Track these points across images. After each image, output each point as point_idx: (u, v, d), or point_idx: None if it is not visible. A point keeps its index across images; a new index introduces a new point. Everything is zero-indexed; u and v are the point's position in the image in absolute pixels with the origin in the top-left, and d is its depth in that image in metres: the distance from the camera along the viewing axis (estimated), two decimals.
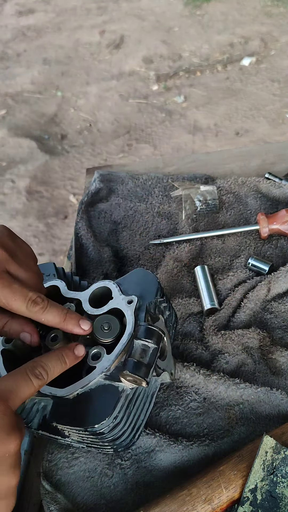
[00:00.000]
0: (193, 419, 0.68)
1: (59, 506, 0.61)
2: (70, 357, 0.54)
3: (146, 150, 2.78)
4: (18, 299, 0.54)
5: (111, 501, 0.62)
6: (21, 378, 0.49)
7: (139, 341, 0.55)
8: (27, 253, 0.62)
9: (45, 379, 0.50)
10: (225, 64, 3.32)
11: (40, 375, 0.50)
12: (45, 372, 0.51)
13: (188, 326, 0.79)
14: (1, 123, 3.10)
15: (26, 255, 0.61)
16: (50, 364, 0.52)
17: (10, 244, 0.59)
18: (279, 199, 0.97)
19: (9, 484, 0.45)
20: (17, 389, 0.47)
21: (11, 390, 0.47)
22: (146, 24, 3.85)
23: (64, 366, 0.53)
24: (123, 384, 0.54)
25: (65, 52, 3.72)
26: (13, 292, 0.54)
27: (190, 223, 0.94)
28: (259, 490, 0.56)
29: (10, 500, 0.45)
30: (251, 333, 0.75)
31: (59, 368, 0.53)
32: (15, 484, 0.45)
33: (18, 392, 0.47)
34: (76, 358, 0.55)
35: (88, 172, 1.13)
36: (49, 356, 0.53)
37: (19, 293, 0.55)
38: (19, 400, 0.47)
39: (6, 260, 0.57)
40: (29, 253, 0.62)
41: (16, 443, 0.45)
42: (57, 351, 0.54)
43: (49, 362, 0.52)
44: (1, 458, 0.44)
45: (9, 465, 0.44)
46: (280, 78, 3.13)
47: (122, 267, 0.90)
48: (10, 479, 0.45)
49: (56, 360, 0.53)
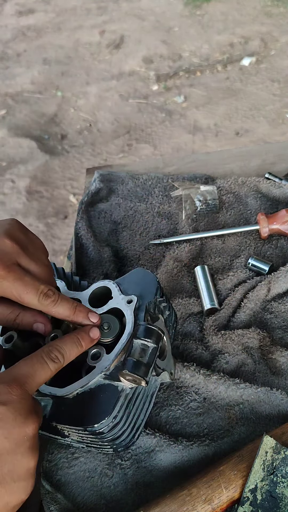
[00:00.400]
0: (193, 419, 0.68)
1: (59, 506, 0.61)
2: (85, 340, 0.55)
3: (146, 150, 2.78)
4: (30, 291, 0.55)
5: (111, 501, 0.62)
6: (37, 362, 0.49)
7: (139, 341, 0.55)
8: (38, 247, 0.62)
9: (61, 362, 0.51)
10: (225, 64, 3.32)
11: (56, 358, 0.51)
12: (61, 355, 0.51)
13: (188, 326, 0.79)
14: (1, 123, 3.10)
15: (37, 248, 0.61)
16: (66, 348, 0.52)
17: (22, 237, 0.60)
18: (279, 199, 0.97)
19: (28, 466, 0.46)
20: (34, 373, 0.48)
21: (28, 375, 0.48)
22: (146, 24, 3.85)
23: (80, 349, 0.54)
24: (123, 384, 0.54)
25: (65, 52, 3.72)
26: (25, 285, 0.55)
27: (190, 223, 0.94)
28: (259, 490, 0.56)
29: (29, 482, 0.46)
30: (251, 333, 0.75)
31: (75, 351, 0.53)
32: (33, 466, 0.46)
33: (35, 376, 0.48)
34: (92, 340, 0.55)
35: (88, 172, 1.13)
36: (64, 339, 0.53)
37: (31, 286, 0.55)
38: (36, 384, 0.48)
39: (17, 253, 0.57)
40: (40, 247, 0.62)
41: (34, 427, 0.46)
42: (72, 334, 0.54)
43: (64, 345, 0.52)
44: (19, 441, 0.45)
45: (27, 447, 0.45)
46: (280, 78, 3.13)
47: (122, 267, 0.89)
48: (28, 461, 0.46)
49: (72, 343, 0.53)
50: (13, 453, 0.44)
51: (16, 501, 0.45)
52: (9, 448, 0.44)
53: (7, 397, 0.45)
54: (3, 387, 0.46)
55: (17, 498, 0.45)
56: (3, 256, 0.55)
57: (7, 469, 0.44)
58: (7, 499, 0.45)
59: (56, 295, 0.56)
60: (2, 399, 0.45)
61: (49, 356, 0.50)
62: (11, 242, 0.57)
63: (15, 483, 0.45)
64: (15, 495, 0.45)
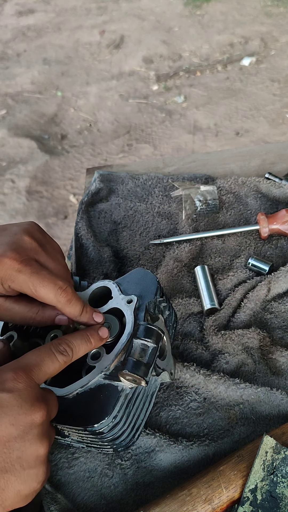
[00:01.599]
0: (193, 419, 0.68)
1: (59, 506, 0.61)
2: (95, 337, 0.55)
3: (146, 150, 2.78)
4: (46, 285, 0.55)
5: (111, 501, 0.62)
6: (45, 353, 0.50)
7: (139, 341, 0.55)
8: (55, 247, 0.63)
9: (70, 356, 0.51)
10: (225, 64, 3.32)
11: (64, 351, 0.51)
12: (70, 349, 0.52)
13: (188, 326, 0.79)
14: (1, 123, 3.10)
15: (55, 248, 0.63)
16: (75, 342, 0.53)
17: (40, 236, 0.61)
18: (279, 199, 0.97)
19: (37, 453, 0.46)
20: (41, 363, 0.49)
21: (35, 364, 0.48)
22: (146, 24, 3.85)
23: (89, 345, 0.54)
24: (123, 384, 0.54)
25: (65, 52, 3.72)
26: (42, 279, 0.55)
27: (190, 223, 0.94)
28: (259, 490, 0.56)
29: (40, 470, 0.46)
30: (251, 333, 0.75)
31: (84, 347, 0.53)
32: (43, 454, 0.46)
33: (42, 366, 0.48)
34: (101, 339, 0.56)
35: (88, 172, 1.13)
36: (74, 334, 0.54)
37: (48, 280, 0.55)
38: (43, 374, 0.48)
39: (35, 250, 0.58)
40: (57, 248, 0.64)
41: (41, 414, 0.46)
42: (82, 331, 0.55)
43: (74, 340, 0.53)
44: (26, 427, 0.45)
45: (35, 435, 0.45)
46: (280, 78, 3.13)
47: (122, 267, 0.89)
48: (37, 448, 0.46)
49: (81, 339, 0.54)
50: (21, 440, 0.44)
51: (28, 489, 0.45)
52: (16, 435, 0.44)
53: (13, 384, 0.46)
54: (9, 375, 0.46)
55: (29, 487, 0.45)
56: (21, 251, 0.56)
57: (16, 456, 0.44)
58: (18, 487, 0.45)
59: (73, 293, 0.57)
60: (7, 386, 0.45)
61: (58, 349, 0.51)
62: (29, 239, 0.58)
63: (25, 471, 0.45)
64: (26, 483, 0.45)
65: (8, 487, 0.44)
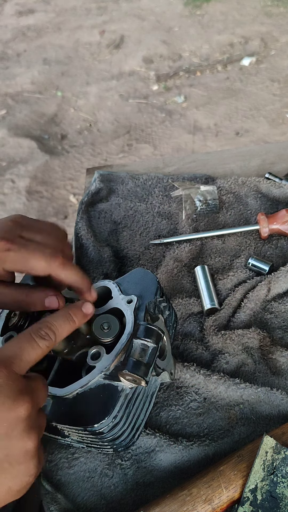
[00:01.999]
0: (193, 419, 0.68)
1: (59, 506, 0.61)
2: (78, 315, 0.53)
3: (146, 150, 2.78)
4: (36, 255, 0.54)
5: (111, 501, 0.62)
6: (25, 340, 0.47)
7: (139, 341, 0.55)
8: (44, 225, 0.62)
9: (52, 340, 0.49)
10: (225, 64, 3.32)
11: (46, 336, 0.48)
12: (51, 331, 0.49)
13: (188, 326, 0.79)
14: (1, 123, 3.10)
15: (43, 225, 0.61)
16: (57, 323, 0.50)
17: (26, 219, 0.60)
18: (279, 199, 0.97)
19: (25, 449, 0.44)
20: (21, 353, 0.46)
21: (14, 355, 0.45)
22: (146, 24, 3.85)
23: (72, 324, 0.52)
24: (123, 384, 0.54)
25: (65, 52, 3.72)
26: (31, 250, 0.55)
27: (190, 223, 0.94)
28: (259, 490, 0.56)
29: (30, 464, 0.44)
30: (251, 333, 0.75)
31: (67, 327, 0.51)
32: (32, 448, 0.44)
33: (23, 356, 0.46)
34: (85, 316, 0.54)
35: (88, 172, 1.13)
36: (55, 315, 0.51)
37: (37, 250, 0.55)
38: (25, 364, 0.46)
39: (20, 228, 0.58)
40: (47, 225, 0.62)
41: (25, 407, 0.44)
42: (64, 309, 0.53)
43: (55, 321, 0.50)
44: (11, 424, 0.43)
45: (21, 430, 0.43)
46: (280, 78, 3.13)
47: (122, 267, 0.89)
48: (24, 443, 0.44)
49: (63, 318, 0.51)
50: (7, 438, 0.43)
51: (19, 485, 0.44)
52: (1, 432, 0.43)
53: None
54: None
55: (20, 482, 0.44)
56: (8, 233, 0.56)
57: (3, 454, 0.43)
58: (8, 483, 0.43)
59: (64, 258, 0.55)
60: None
61: (38, 334, 0.48)
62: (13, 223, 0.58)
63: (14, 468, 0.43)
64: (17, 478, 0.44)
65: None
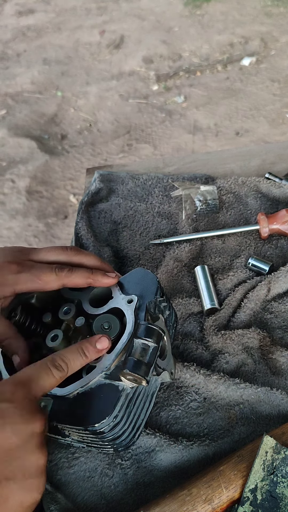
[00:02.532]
0: (193, 419, 0.68)
1: (59, 506, 0.61)
2: (90, 350, 0.55)
3: (146, 150, 2.78)
4: (45, 271, 0.61)
5: (111, 501, 0.62)
6: (41, 368, 0.51)
7: (139, 340, 0.55)
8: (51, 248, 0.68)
9: (65, 371, 0.52)
10: (225, 64, 3.32)
11: (59, 367, 0.51)
12: (65, 364, 0.52)
13: (188, 326, 0.79)
14: (1, 123, 3.10)
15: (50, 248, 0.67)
16: (70, 357, 0.53)
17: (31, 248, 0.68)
18: (279, 199, 0.97)
19: (37, 463, 0.46)
20: (38, 378, 0.49)
21: (32, 378, 0.49)
22: (146, 24, 3.85)
23: (84, 359, 0.54)
24: (123, 383, 0.54)
25: (65, 52, 3.72)
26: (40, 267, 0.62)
27: (190, 223, 0.94)
28: (259, 490, 0.56)
29: (41, 479, 0.47)
30: (251, 333, 0.75)
31: (79, 361, 0.54)
32: (43, 464, 0.47)
33: (39, 380, 0.49)
34: (98, 351, 0.55)
35: (88, 172, 1.13)
36: (68, 349, 0.55)
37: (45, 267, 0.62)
38: (40, 389, 0.49)
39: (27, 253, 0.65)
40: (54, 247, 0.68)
41: (41, 424, 0.47)
42: (77, 344, 0.55)
43: (68, 354, 0.53)
44: (27, 437, 0.45)
45: (35, 444, 0.46)
46: (280, 78, 3.13)
47: (122, 267, 0.89)
48: (37, 458, 0.46)
49: (75, 353, 0.54)
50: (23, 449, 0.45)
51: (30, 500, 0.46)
52: (18, 443, 0.45)
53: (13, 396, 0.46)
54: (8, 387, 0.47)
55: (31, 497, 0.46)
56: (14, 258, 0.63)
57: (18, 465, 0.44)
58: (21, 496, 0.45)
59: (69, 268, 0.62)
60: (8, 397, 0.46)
61: (53, 364, 0.51)
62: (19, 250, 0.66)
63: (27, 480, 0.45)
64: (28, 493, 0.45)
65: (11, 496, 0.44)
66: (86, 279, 0.62)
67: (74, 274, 0.62)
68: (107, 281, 0.63)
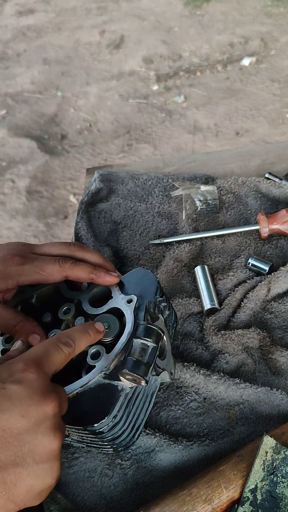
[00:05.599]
0: (193, 419, 0.68)
1: (59, 506, 0.61)
2: (92, 330, 0.56)
3: (146, 150, 2.78)
4: (48, 262, 0.61)
5: (111, 501, 0.62)
6: (50, 345, 0.50)
7: (139, 340, 0.55)
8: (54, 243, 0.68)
9: (73, 347, 0.52)
10: (225, 64, 3.32)
11: (67, 343, 0.51)
12: (72, 340, 0.52)
13: (188, 326, 0.79)
14: (1, 123, 3.10)
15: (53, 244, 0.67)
16: (76, 335, 0.53)
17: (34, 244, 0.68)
18: (279, 199, 0.97)
19: (50, 447, 0.44)
20: (48, 355, 0.49)
21: (42, 356, 0.48)
22: (146, 24, 3.85)
23: (88, 337, 0.55)
24: (123, 383, 0.54)
25: (65, 52, 3.72)
26: (43, 259, 0.62)
27: (190, 223, 0.94)
28: (259, 490, 0.56)
29: (54, 465, 0.45)
30: (251, 333, 0.75)
31: (84, 339, 0.54)
32: (56, 447, 0.45)
33: (50, 357, 0.49)
34: (98, 331, 0.56)
35: (88, 172, 1.13)
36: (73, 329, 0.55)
37: (48, 259, 0.62)
38: (51, 365, 0.48)
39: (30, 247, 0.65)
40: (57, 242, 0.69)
41: (53, 405, 0.45)
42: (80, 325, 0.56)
43: (74, 333, 0.54)
44: (38, 419, 0.43)
45: (47, 427, 0.44)
46: (280, 78, 3.13)
47: (122, 267, 0.89)
48: (50, 441, 0.44)
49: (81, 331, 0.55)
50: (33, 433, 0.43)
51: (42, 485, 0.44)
52: (27, 427, 0.43)
53: (22, 375, 0.45)
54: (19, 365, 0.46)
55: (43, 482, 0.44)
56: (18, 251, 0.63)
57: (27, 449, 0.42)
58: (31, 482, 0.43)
59: (72, 261, 0.62)
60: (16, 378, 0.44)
61: (61, 341, 0.51)
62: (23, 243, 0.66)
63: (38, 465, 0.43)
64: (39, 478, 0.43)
65: (19, 482, 0.42)
66: (89, 274, 0.62)
67: (77, 267, 0.62)
68: (109, 279, 0.62)
